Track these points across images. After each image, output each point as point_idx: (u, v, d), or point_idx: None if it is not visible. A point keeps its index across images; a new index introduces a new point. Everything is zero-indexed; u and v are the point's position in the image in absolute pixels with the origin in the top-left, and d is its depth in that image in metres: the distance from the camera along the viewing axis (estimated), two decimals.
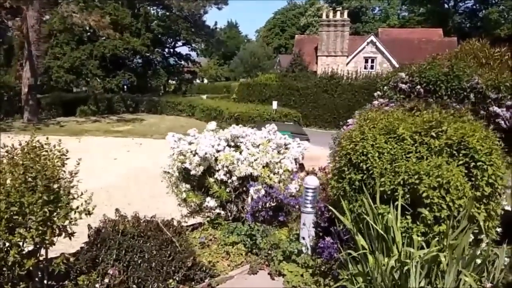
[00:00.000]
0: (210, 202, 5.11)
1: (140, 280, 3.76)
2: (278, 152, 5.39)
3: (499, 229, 3.86)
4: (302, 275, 4.16)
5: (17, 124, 20.94)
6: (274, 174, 5.16)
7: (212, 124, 5.36)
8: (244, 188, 5.15)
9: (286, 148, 5.49)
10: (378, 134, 3.51)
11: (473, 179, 3.23)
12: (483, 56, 9.35)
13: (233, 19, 67.32)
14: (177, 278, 3.90)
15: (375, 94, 9.70)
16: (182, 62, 42.82)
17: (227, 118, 20.61)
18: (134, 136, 19.18)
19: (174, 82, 44.35)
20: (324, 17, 31.64)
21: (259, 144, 5.19)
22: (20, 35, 20.28)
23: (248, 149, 5.13)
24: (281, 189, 5.08)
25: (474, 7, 48.69)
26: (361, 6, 53.38)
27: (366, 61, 31.71)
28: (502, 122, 8.07)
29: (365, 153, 3.42)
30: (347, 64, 31.77)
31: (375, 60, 31.22)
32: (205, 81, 56.49)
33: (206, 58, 58.67)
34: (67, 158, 3.49)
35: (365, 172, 3.43)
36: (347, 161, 3.56)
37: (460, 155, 3.27)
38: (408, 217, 3.21)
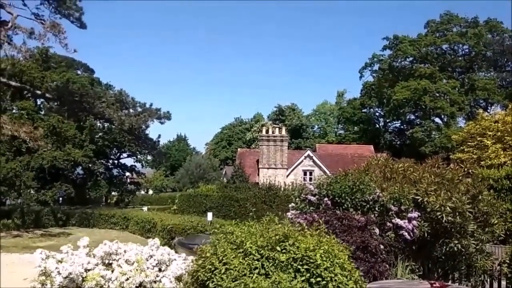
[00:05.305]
0: None
1: None
2: (160, 270, 5.06)
3: None
4: None
5: None
6: None
7: (85, 240, 5.02)
8: None
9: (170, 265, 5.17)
10: (230, 248, 3.42)
11: None
12: (388, 171, 9.99)
13: (182, 133, 69.61)
14: None
15: (290, 205, 9.85)
16: (126, 173, 42.40)
17: (160, 231, 19.84)
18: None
19: (116, 193, 43.25)
20: (264, 132, 33.54)
21: (134, 262, 4.87)
22: None
23: (121, 267, 4.77)
24: None
25: (402, 127, 54.08)
26: (301, 124, 57.73)
27: (305, 174, 33.03)
28: (406, 233, 8.32)
29: (212, 269, 3.27)
30: (287, 176, 32.86)
31: (313, 172, 32.60)
32: (150, 192, 55.65)
33: (153, 170, 58.73)
34: None
35: None
36: (194, 279, 3.37)
37: (303, 270, 3.21)
38: None
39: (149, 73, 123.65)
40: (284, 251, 3.30)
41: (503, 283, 9.34)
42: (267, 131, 33.57)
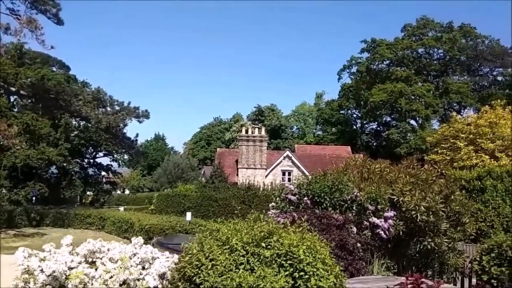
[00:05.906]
0: None
1: None
2: (143, 268, 5.09)
3: None
4: None
5: None
6: None
7: (68, 238, 5.02)
8: None
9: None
10: (216, 245, 3.51)
11: None
12: (365, 171, 10.23)
13: (160, 132, 68.94)
14: None
15: (270, 205, 9.96)
16: (102, 173, 41.73)
17: (138, 231, 19.64)
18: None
19: (91, 193, 42.51)
20: (243, 132, 33.62)
21: (118, 259, 4.89)
22: None
23: (104, 265, 4.79)
24: None
25: (378, 128, 55.21)
26: (280, 124, 58.20)
27: (284, 174, 33.30)
28: (382, 232, 8.56)
29: (199, 265, 3.36)
30: (266, 176, 33.04)
31: (291, 173, 32.90)
32: (127, 191, 54.92)
33: (130, 169, 57.99)
34: None
35: (199, 286, 3.33)
36: (181, 275, 3.45)
37: (287, 265, 3.34)
38: None
39: (130, 72, 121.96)
40: (268, 247, 3.42)
41: (474, 280, 9.72)
42: (246, 131, 33.67)
